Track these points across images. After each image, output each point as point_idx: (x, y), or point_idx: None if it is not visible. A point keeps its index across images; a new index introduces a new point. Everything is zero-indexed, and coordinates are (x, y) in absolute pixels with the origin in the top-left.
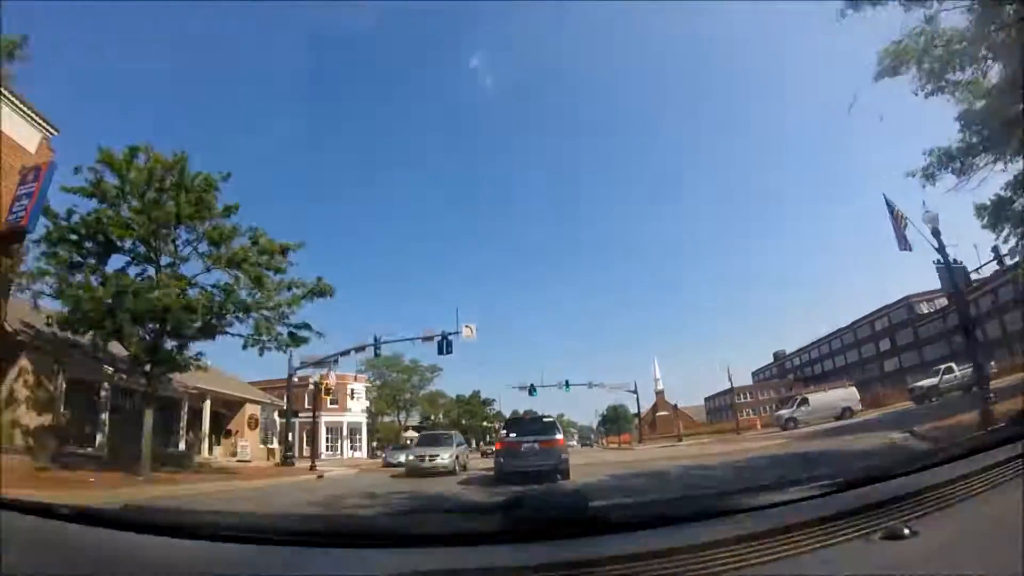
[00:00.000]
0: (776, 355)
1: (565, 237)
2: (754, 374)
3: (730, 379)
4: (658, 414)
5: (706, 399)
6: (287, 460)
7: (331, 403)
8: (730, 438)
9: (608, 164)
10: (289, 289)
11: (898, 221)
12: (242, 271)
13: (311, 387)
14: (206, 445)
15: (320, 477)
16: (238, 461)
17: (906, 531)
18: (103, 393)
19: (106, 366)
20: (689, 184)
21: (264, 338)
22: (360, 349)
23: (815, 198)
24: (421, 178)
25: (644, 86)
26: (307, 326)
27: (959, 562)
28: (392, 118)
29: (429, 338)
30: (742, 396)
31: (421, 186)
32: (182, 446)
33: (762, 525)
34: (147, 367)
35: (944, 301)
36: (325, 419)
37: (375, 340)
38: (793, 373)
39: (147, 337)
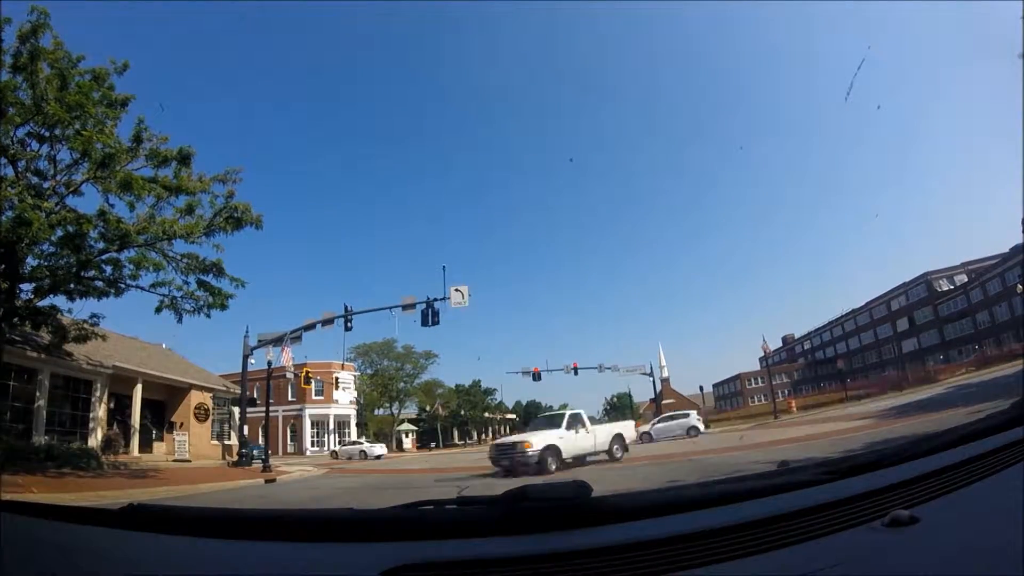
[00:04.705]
0: (784, 339)
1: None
2: (761, 360)
3: (765, 353)
4: (664, 402)
5: (715, 385)
6: (242, 459)
7: (316, 394)
8: (769, 424)
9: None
10: (190, 213)
11: None
12: (110, 172)
13: (290, 376)
14: (137, 440)
15: (271, 481)
16: (174, 461)
17: (909, 517)
18: None
19: None
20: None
21: (177, 294)
22: (328, 322)
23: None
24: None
25: (666, 71)
26: (218, 268)
27: (962, 548)
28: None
29: (410, 306)
30: (754, 381)
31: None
32: (94, 440)
33: (765, 512)
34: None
35: (963, 277)
36: (309, 411)
37: (345, 310)
38: (804, 357)
39: None
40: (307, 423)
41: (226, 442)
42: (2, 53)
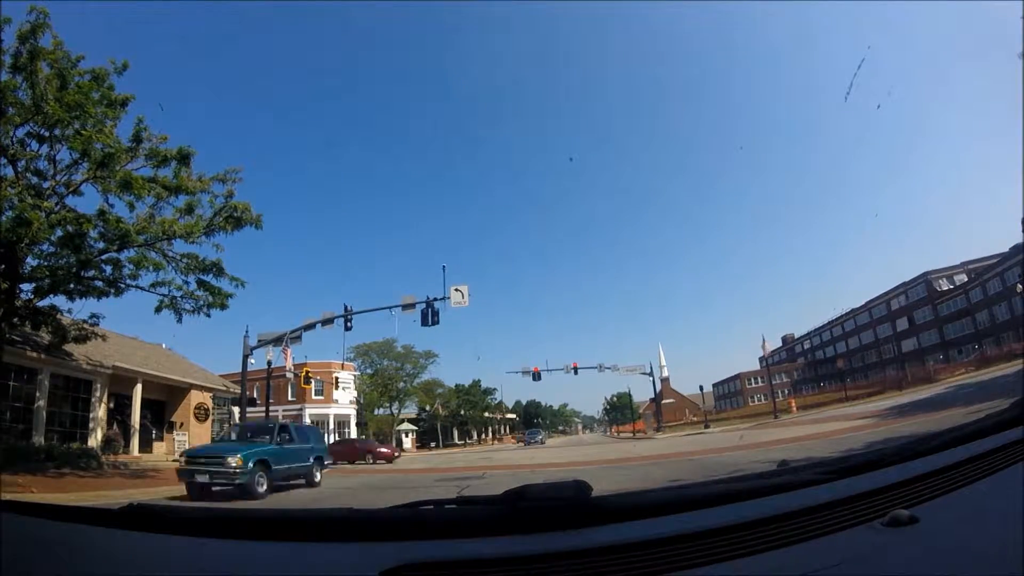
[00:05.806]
0: (784, 339)
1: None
2: (761, 359)
3: (765, 353)
4: (664, 401)
5: (715, 385)
6: None
7: (316, 394)
8: (768, 423)
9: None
10: (190, 212)
11: None
12: (109, 172)
13: (290, 376)
14: (137, 440)
15: None
16: (174, 460)
17: (909, 517)
18: None
19: None
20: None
21: (177, 293)
22: (328, 322)
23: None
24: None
25: (667, 71)
26: (218, 268)
27: (962, 548)
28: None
29: (410, 305)
30: (753, 380)
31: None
32: (94, 440)
33: (764, 511)
34: None
35: (963, 277)
36: (309, 411)
37: (345, 310)
38: (804, 356)
39: None
40: (307, 423)
41: None
42: (2, 53)
